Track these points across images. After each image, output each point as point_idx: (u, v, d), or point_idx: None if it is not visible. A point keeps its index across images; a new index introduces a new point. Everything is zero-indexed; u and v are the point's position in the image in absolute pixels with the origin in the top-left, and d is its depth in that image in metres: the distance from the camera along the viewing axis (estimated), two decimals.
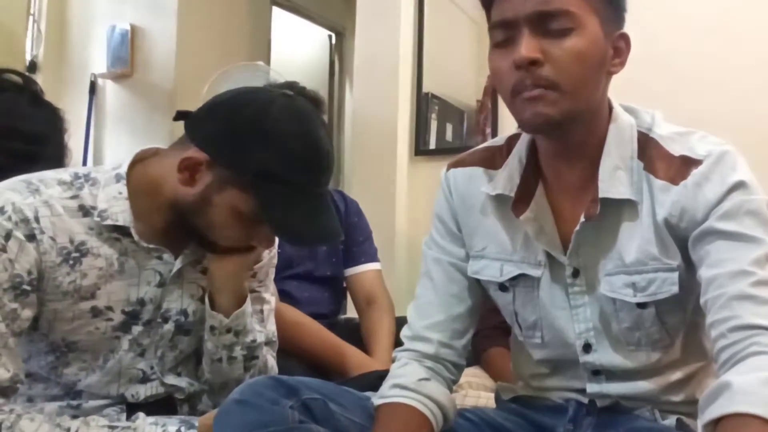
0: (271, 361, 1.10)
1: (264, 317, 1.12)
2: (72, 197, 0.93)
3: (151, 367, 1.00)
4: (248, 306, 1.03)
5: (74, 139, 1.31)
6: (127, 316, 0.96)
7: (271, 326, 1.13)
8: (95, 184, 0.94)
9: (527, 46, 0.77)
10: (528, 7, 0.78)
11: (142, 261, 0.96)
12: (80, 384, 0.96)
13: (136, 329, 0.97)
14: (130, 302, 0.96)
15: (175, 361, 1.03)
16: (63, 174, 0.95)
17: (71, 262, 0.91)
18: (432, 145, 2.35)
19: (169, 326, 1.00)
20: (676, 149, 0.82)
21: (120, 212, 0.92)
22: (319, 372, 1.41)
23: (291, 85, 0.97)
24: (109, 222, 0.92)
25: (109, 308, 0.94)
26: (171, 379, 1.02)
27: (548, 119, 0.79)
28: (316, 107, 0.95)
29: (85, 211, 0.93)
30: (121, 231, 0.94)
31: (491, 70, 0.83)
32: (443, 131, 2.36)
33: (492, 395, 1.11)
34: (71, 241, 0.91)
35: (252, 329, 1.04)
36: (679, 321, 0.86)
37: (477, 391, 1.37)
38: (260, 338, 1.06)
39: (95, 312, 0.94)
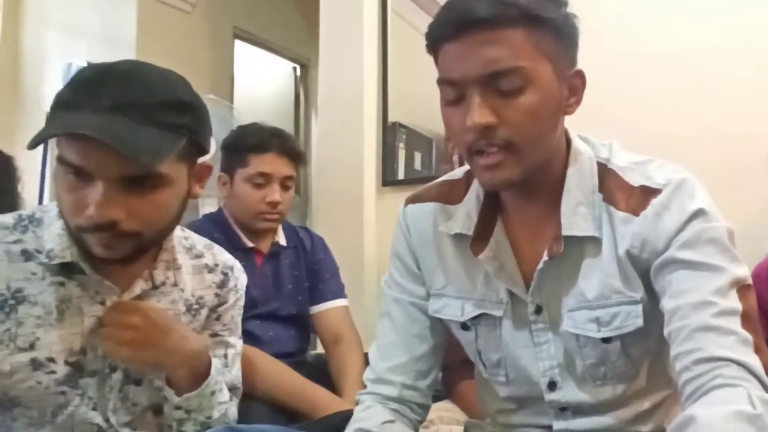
0: (232, 410, 1.05)
1: (228, 362, 1.08)
2: (15, 241, 0.90)
3: (107, 420, 0.95)
4: (207, 387, 0.97)
5: (29, 185, 1.26)
6: (72, 368, 0.91)
7: (236, 371, 1.09)
8: (40, 225, 0.92)
9: (480, 112, 0.74)
10: (476, 69, 0.74)
11: (85, 308, 0.92)
12: None
13: (84, 382, 0.93)
14: (73, 352, 0.91)
15: (129, 415, 0.98)
16: (5, 218, 0.93)
17: (6, 309, 0.88)
18: (400, 175, 2.34)
19: (117, 375, 0.96)
20: (635, 179, 0.82)
21: (67, 248, 0.90)
22: (285, 413, 1.38)
23: None
24: (57, 261, 0.89)
25: (51, 360, 0.90)
26: None
27: (507, 182, 0.79)
28: None
29: (27, 255, 0.90)
30: (70, 270, 0.91)
31: (445, 125, 0.81)
32: (411, 160, 2.35)
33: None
34: (8, 288, 0.88)
35: (211, 406, 0.98)
36: (643, 352, 0.85)
37: (448, 426, 1.34)
38: (217, 414, 1.00)
39: (35, 365, 0.89)
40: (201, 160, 0.94)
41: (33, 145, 0.80)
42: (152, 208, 0.86)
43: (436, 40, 0.79)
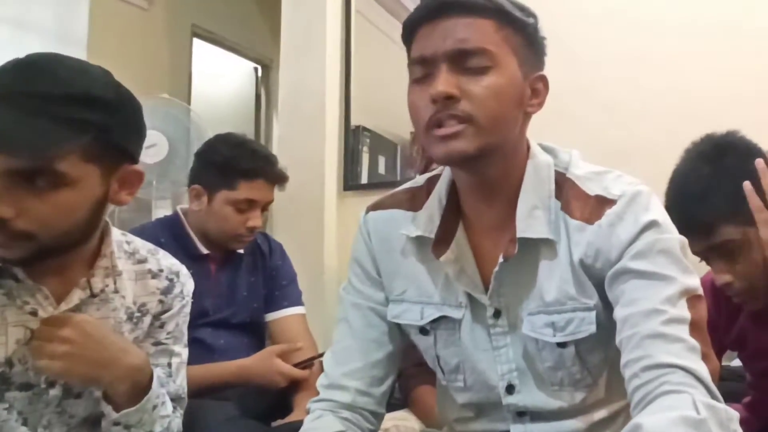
0: (176, 423, 1.00)
1: (172, 371, 1.03)
2: None
3: None
4: (149, 401, 0.92)
5: None
6: None
7: (181, 381, 1.05)
8: None
9: (445, 82, 0.78)
10: (447, 45, 0.79)
11: (10, 317, 0.87)
12: None
13: (11, 395, 0.87)
14: None
15: (65, 427, 0.93)
16: None
17: None
18: (364, 180, 2.31)
19: (55, 391, 0.90)
20: (592, 189, 0.83)
21: None
22: (262, 408, 1.42)
23: None
24: None
25: None
26: None
27: (463, 154, 0.79)
28: None
29: None
30: (3, 275, 0.86)
31: (409, 105, 0.83)
32: (375, 165, 2.33)
33: None
34: None
35: (152, 421, 0.93)
36: (600, 360, 0.85)
37: None
38: (159, 428, 0.95)
39: None
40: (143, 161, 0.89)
41: None
42: (48, 209, 0.80)
43: (413, 24, 0.82)
